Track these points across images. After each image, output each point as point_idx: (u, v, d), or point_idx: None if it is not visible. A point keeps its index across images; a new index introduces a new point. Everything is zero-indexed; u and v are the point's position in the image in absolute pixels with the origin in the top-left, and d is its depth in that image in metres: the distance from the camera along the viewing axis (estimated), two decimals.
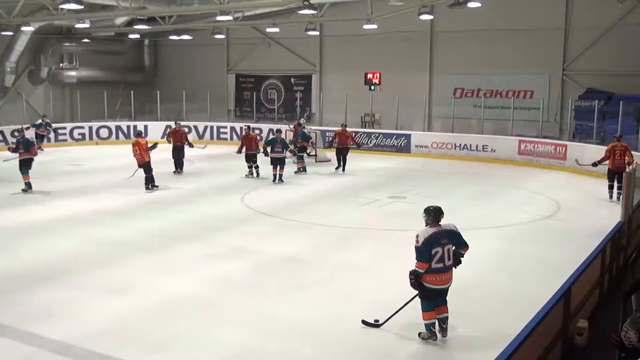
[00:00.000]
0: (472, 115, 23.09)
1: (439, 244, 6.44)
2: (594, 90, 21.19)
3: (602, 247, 7.44)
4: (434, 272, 6.45)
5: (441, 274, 6.49)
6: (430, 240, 6.41)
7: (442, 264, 6.46)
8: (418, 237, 6.44)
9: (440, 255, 6.44)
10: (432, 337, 6.64)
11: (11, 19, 20.44)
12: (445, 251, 6.47)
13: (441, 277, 6.50)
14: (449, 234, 6.56)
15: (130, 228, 11.74)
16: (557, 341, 5.81)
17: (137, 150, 15.09)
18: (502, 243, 10.85)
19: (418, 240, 6.43)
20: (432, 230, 6.49)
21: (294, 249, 10.31)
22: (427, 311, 6.63)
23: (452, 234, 6.59)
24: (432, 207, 6.62)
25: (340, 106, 24.68)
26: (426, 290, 6.55)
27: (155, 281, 8.64)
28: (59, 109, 27.39)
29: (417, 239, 6.44)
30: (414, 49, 24.71)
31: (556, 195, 15.15)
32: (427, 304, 6.61)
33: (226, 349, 6.57)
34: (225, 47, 29.35)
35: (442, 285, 6.55)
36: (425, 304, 6.63)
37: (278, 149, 16.49)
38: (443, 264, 6.47)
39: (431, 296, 6.58)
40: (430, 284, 6.50)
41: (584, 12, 21.38)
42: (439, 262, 6.45)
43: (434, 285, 6.51)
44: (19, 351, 6.49)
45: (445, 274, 6.52)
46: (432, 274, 6.46)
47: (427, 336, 6.65)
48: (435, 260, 6.42)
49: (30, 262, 9.45)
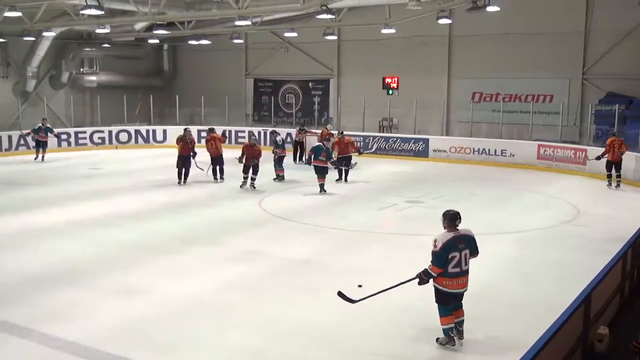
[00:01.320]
0: (491, 120, 22.94)
1: (456, 249, 6.43)
2: (614, 94, 20.94)
3: (623, 252, 7.35)
4: (450, 277, 6.44)
5: (458, 279, 6.48)
6: (448, 245, 6.39)
7: (459, 268, 6.45)
8: (436, 242, 6.42)
9: (457, 260, 6.43)
10: (451, 342, 6.60)
11: (33, 25, 20.68)
12: (463, 256, 6.46)
13: (458, 282, 6.49)
14: (467, 239, 6.55)
15: (147, 231, 11.81)
16: (577, 348, 5.74)
17: (212, 145, 16.94)
18: (520, 248, 10.76)
19: (436, 245, 6.41)
20: (450, 235, 6.46)
21: (308, 253, 10.30)
22: (445, 316, 6.59)
23: (470, 240, 6.57)
24: (449, 212, 6.60)
25: (358, 110, 24.66)
26: (443, 295, 6.52)
27: (169, 283, 8.67)
28: (79, 114, 27.68)
29: (435, 243, 6.42)
30: (432, 53, 24.64)
31: (576, 200, 14.99)
32: (445, 309, 6.58)
33: (237, 351, 6.59)
34: (243, 51, 29.48)
35: (459, 289, 6.54)
36: (442, 309, 6.59)
37: (322, 157, 15.71)
38: (460, 268, 6.45)
39: (448, 300, 6.55)
40: (447, 287, 6.48)
41: (604, 15, 21.17)
42: (456, 267, 6.43)
43: (451, 290, 6.49)
44: (33, 352, 6.55)
45: (462, 278, 6.50)
46: (449, 278, 6.44)
47: (445, 341, 6.62)
48: (452, 265, 6.40)
49: (47, 264, 9.53)
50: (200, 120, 27.45)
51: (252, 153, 15.97)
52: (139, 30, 24.99)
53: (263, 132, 26.09)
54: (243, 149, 16.17)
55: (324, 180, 15.65)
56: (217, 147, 16.93)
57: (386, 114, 25.13)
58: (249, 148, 16.06)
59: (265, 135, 25.98)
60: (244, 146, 16.29)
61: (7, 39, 24.24)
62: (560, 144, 20.60)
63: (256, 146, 16.26)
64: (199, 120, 27.44)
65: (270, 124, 27.50)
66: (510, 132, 22.38)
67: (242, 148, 16.28)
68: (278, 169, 17.71)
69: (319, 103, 27.88)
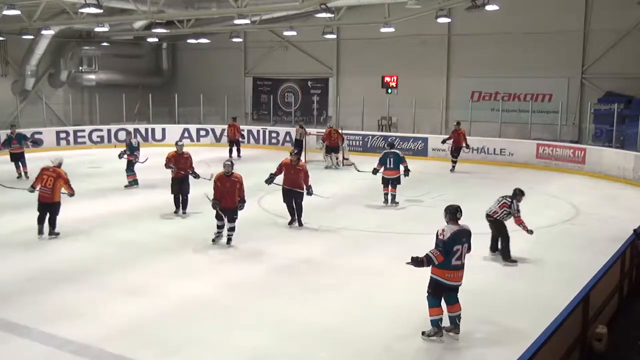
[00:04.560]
0: (490, 119, 22.94)
1: (460, 242, 6.58)
2: (613, 93, 20.95)
3: (622, 252, 7.37)
4: (452, 269, 6.58)
5: (458, 272, 6.64)
6: (455, 236, 6.52)
7: (460, 261, 6.62)
8: (444, 232, 6.52)
9: (460, 253, 6.59)
10: (438, 333, 6.70)
11: (32, 23, 20.67)
12: (464, 249, 6.62)
13: (457, 275, 6.64)
14: (468, 233, 6.70)
15: (148, 230, 11.82)
16: (576, 347, 5.75)
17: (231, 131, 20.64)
18: (519, 247, 10.75)
19: (444, 234, 6.50)
20: (456, 227, 6.60)
21: (310, 252, 10.31)
22: (433, 307, 6.70)
23: (469, 235, 6.72)
24: (451, 206, 6.75)
25: (357, 109, 24.66)
26: (439, 286, 6.63)
27: (172, 284, 8.69)
28: (78, 112, 27.67)
29: (444, 233, 6.52)
30: (431, 52, 24.64)
31: (575, 199, 15.00)
32: (434, 300, 6.69)
33: (241, 352, 6.60)
34: (242, 50, 29.46)
35: (457, 282, 6.68)
36: (432, 300, 6.70)
37: (391, 166, 14.19)
38: (461, 261, 6.63)
39: (440, 292, 6.66)
40: (448, 280, 6.60)
41: (603, 14, 21.17)
42: (458, 260, 6.61)
43: (451, 282, 6.61)
44: (36, 351, 6.56)
45: (461, 271, 6.67)
46: (451, 270, 6.58)
47: (433, 332, 6.71)
48: (455, 258, 6.56)
49: (50, 263, 9.56)
50: (199, 119, 27.44)
51: (226, 187, 10.47)
52: (138, 28, 24.97)
53: (262, 131, 26.13)
54: (216, 182, 10.60)
55: (394, 191, 14.33)
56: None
57: (385, 113, 25.13)
58: (223, 180, 10.50)
59: (265, 135, 26.02)
60: (215, 178, 10.65)
61: (6, 37, 24.30)
62: (559, 143, 20.61)
63: (234, 175, 10.57)
64: (197, 119, 27.45)
65: (269, 123, 27.52)
66: (509, 131, 22.37)
67: (213, 183, 10.66)
68: (129, 174, 16.16)
69: (318, 102, 27.87)
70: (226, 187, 10.43)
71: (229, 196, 10.42)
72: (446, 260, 6.49)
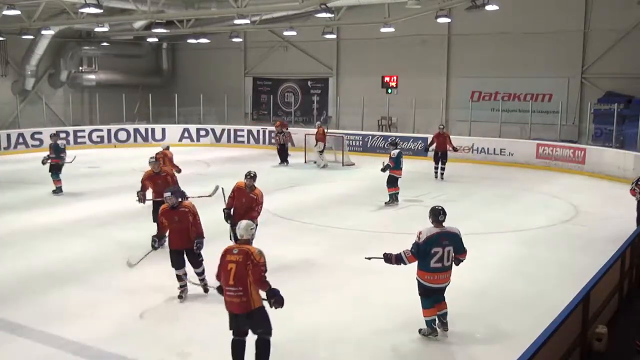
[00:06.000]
0: (490, 119, 22.93)
1: (440, 244, 6.59)
2: (613, 93, 20.95)
3: (622, 251, 7.36)
4: (431, 271, 6.63)
5: (439, 274, 6.66)
6: (431, 240, 6.56)
7: (441, 264, 6.61)
8: (421, 234, 6.61)
9: (439, 255, 6.59)
10: (433, 333, 6.80)
11: (32, 23, 20.67)
12: (445, 252, 6.61)
13: (439, 277, 6.66)
14: (451, 236, 6.70)
15: (148, 230, 11.75)
16: (576, 347, 5.74)
17: None
18: (519, 247, 10.76)
19: (420, 237, 6.60)
20: (435, 230, 6.65)
21: (309, 252, 10.31)
22: (427, 308, 6.78)
23: (454, 237, 6.72)
24: (434, 208, 6.80)
25: (357, 109, 24.66)
26: (425, 288, 6.71)
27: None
28: (78, 112, 27.67)
29: (420, 235, 6.61)
30: (431, 52, 24.63)
31: (575, 199, 15.00)
32: (427, 302, 6.76)
33: None
34: (242, 50, 29.46)
35: (440, 284, 6.71)
36: (425, 302, 6.78)
37: None
38: (442, 264, 6.62)
39: (430, 294, 6.72)
40: (428, 282, 6.67)
41: (603, 14, 21.16)
42: (438, 262, 6.60)
43: (431, 284, 6.68)
44: (37, 352, 6.56)
45: (443, 273, 6.67)
46: (430, 272, 6.63)
47: (427, 332, 6.81)
48: (434, 260, 6.58)
49: (49, 264, 9.56)
50: (199, 119, 27.44)
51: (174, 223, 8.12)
52: (138, 28, 24.97)
53: (262, 131, 26.11)
54: (233, 193, 9.60)
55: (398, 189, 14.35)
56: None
57: (385, 113, 25.12)
58: (169, 213, 8.14)
59: (264, 135, 26.00)
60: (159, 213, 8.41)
61: (6, 38, 24.29)
62: (559, 143, 20.60)
63: (183, 205, 8.30)
64: (197, 119, 27.45)
65: (269, 123, 27.49)
66: (509, 131, 22.37)
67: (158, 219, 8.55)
68: (55, 179, 15.31)
69: (318, 102, 27.88)
70: (174, 221, 7.96)
71: (181, 233, 8.02)
72: (424, 263, 6.58)
